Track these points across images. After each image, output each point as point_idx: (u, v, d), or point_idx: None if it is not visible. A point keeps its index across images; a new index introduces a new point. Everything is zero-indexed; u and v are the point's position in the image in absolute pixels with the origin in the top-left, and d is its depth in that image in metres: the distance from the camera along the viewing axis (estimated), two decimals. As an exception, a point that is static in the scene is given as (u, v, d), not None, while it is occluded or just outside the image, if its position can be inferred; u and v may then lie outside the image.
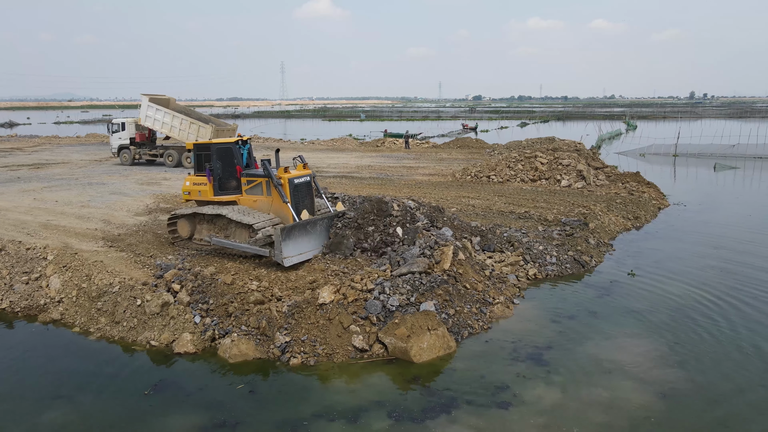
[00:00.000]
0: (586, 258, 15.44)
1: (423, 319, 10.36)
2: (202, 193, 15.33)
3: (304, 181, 14.74)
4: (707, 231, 19.03)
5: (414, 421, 8.14)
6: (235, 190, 15.05)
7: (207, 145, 15.41)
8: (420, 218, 14.68)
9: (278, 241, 12.77)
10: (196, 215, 15.32)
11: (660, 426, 8.02)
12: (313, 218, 14.03)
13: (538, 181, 26.36)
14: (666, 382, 9.23)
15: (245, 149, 15.27)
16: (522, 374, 9.44)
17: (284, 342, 10.11)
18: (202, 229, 15.22)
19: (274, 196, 14.44)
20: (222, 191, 15.11)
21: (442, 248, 12.76)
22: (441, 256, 12.48)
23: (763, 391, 8.95)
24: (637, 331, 11.14)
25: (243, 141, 15.22)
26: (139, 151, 33.83)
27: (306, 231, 13.70)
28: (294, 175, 14.45)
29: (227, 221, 14.58)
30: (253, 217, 14.14)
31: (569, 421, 8.11)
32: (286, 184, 14.11)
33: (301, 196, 14.53)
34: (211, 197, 15.13)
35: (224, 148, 14.97)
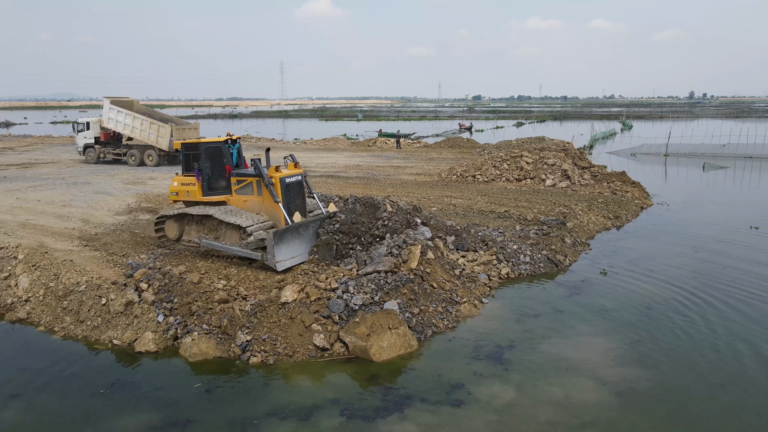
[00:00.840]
0: (561, 257, 15.45)
1: (384, 317, 10.38)
2: (191, 193, 14.99)
3: (296, 181, 14.51)
4: (686, 230, 19.05)
5: (365, 420, 8.15)
6: (225, 190, 14.77)
7: (195, 145, 15.06)
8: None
9: (271, 245, 12.47)
10: (185, 216, 15.02)
11: (611, 425, 8.04)
12: (306, 221, 13.74)
13: (523, 180, 26.38)
14: (624, 380, 9.24)
15: (235, 148, 15.01)
16: (479, 373, 9.46)
17: (245, 341, 10.13)
18: (191, 230, 14.96)
19: (264, 196, 14.17)
20: (211, 191, 14.81)
21: (410, 247, 12.78)
22: (408, 255, 12.50)
23: (722, 389, 8.96)
24: (601, 330, 11.16)
25: (232, 140, 14.97)
26: (104, 150, 34.45)
27: (298, 234, 13.40)
28: (285, 174, 14.20)
29: (217, 222, 14.31)
30: (244, 217, 13.85)
31: (520, 420, 8.14)
32: (277, 183, 13.86)
33: (292, 196, 14.32)
34: (200, 197, 14.82)
35: (213, 148, 14.66)
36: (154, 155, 32.73)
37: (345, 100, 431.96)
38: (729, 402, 8.61)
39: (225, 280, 12.53)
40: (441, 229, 15.74)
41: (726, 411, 8.38)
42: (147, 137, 32.30)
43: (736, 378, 9.29)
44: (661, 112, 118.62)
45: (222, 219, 13.89)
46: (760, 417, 8.20)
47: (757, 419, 8.15)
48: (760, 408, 8.42)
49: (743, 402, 8.59)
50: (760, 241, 17.39)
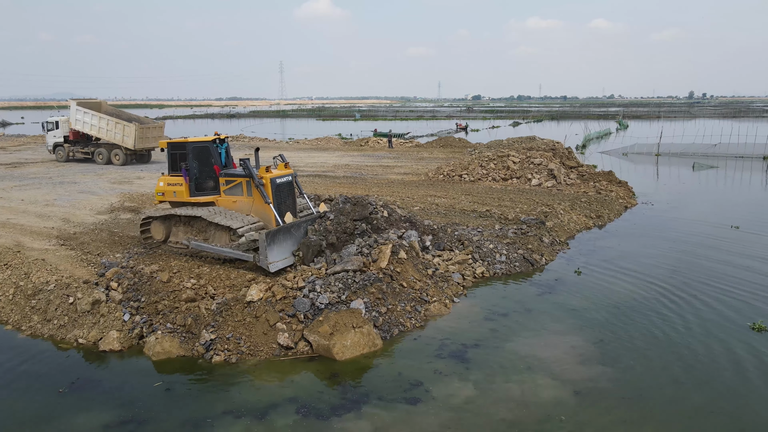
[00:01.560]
0: (537, 256, 15.46)
1: (348, 317, 10.38)
2: (178, 193, 14.72)
3: (286, 181, 14.32)
4: (667, 229, 19.06)
5: (319, 418, 8.17)
6: (213, 190, 14.57)
7: (182, 144, 14.75)
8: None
9: (263, 246, 12.31)
10: (172, 217, 14.74)
11: (565, 423, 8.04)
12: (297, 221, 13.60)
13: (510, 180, 26.38)
14: (585, 379, 9.25)
15: (223, 148, 14.85)
16: (440, 371, 9.47)
17: (209, 340, 10.14)
18: (178, 231, 14.69)
19: (255, 197, 13.98)
20: (199, 192, 14.59)
21: (380, 247, 12.77)
22: (378, 255, 12.50)
23: (688, 389, 8.95)
24: (568, 329, 11.16)
25: (220, 139, 14.79)
26: (73, 149, 35.08)
27: (290, 234, 13.26)
28: (276, 175, 14.01)
29: (206, 223, 14.08)
30: (234, 219, 13.66)
31: (474, 417, 8.15)
32: (268, 183, 13.67)
33: (283, 197, 14.13)
34: (187, 198, 14.56)
35: (201, 147, 14.46)
36: (120, 154, 33.51)
37: (345, 100, 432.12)
38: (695, 402, 8.59)
39: (196, 279, 12.56)
40: (418, 229, 15.75)
41: (690, 410, 8.35)
42: (113, 137, 33.13)
43: (705, 377, 9.28)
44: (659, 112, 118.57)
45: (211, 220, 13.60)
46: (725, 417, 8.19)
47: (723, 419, 8.13)
48: (727, 408, 8.39)
49: (710, 402, 8.57)
50: (739, 241, 17.39)
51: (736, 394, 8.77)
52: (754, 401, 8.57)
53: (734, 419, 8.12)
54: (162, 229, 14.99)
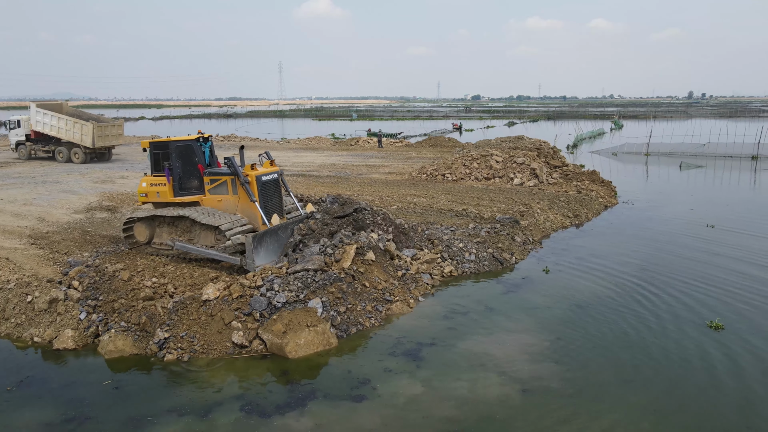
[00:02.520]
0: (507, 255, 15.45)
1: (302, 315, 10.39)
2: (161, 194, 14.53)
3: (272, 179, 14.22)
4: (642, 228, 19.06)
5: (262, 416, 8.17)
6: (198, 190, 14.43)
7: (165, 143, 14.56)
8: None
9: (250, 249, 12.23)
10: (155, 218, 14.51)
11: (507, 420, 8.04)
12: (284, 223, 13.48)
13: (492, 179, 26.37)
14: (534, 377, 9.24)
15: (207, 147, 14.73)
16: (390, 369, 9.47)
17: (163, 338, 10.14)
18: (162, 232, 14.50)
19: (240, 196, 13.84)
20: (183, 192, 14.43)
21: (345, 247, 12.74)
22: (342, 255, 12.48)
23: (630, 387, 8.94)
24: (526, 327, 11.16)
25: (204, 138, 14.66)
26: (35, 148, 35.78)
27: (277, 236, 13.16)
28: (261, 173, 13.88)
29: (191, 223, 13.90)
30: (220, 218, 13.48)
31: (417, 414, 8.15)
32: (253, 182, 13.55)
33: (269, 195, 14.03)
34: (171, 198, 14.39)
35: (184, 146, 14.32)
36: (80, 153, 34.26)
37: (344, 99, 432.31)
38: (640, 400, 8.56)
39: (159, 277, 12.57)
40: (397, 229, 15.73)
41: (634, 409, 8.33)
42: (72, 136, 33.90)
43: (654, 376, 9.27)
44: (655, 112, 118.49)
45: (197, 220, 13.43)
46: (668, 415, 8.18)
47: (666, 417, 8.11)
48: (671, 406, 8.37)
49: (654, 400, 8.56)
50: (711, 239, 17.39)
51: (683, 392, 8.77)
52: (699, 400, 8.57)
53: (677, 417, 8.11)
54: (145, 230, 14.72)
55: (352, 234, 13.61)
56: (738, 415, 8.16)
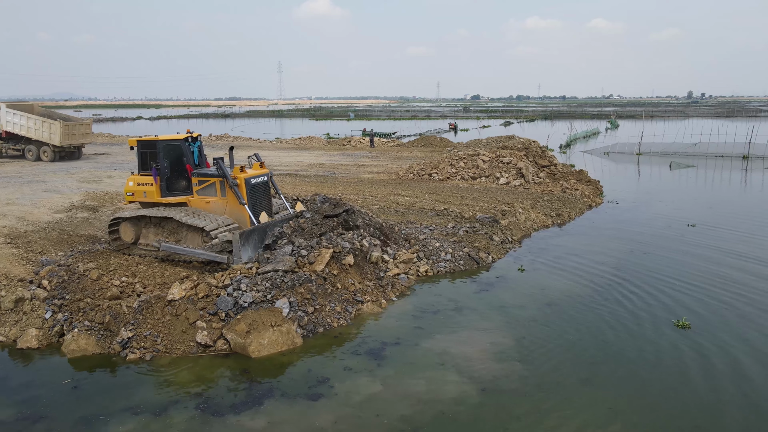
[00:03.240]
0: (483, 254, 15.44)
1: (267, 315, 10.38)
2: (148, 194, 14.21)
3: (261, 181, 14.00)
4: (624, 228, 19.05)
5: (216, 415, 8.16)
6: (185, 190, 14.17)
7: (153, 142, 14.19)
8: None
9: (237, 246, 12.03)
10: (142, 218, 14.25)
11: (460, 418, 8.03)
12: (273, 221, 13.28)
13: (478, 178, 26.36)
14: (495, 377, 9.22)
15: (195, 147, 14.44)
16: (350, 368, 9.46)
17: (126, 337, 10.13)
18: (149, 233, 14.27)
19: (229, 198, 13.62)
20: (170, 192, 14.15)
21: (321, 250, 12.66)
22: (316, 258, 12.41)
23: (588, 385, 8.92)
24: (494, 326, 11.14)
25: (193, 138, 14.37)
26: (5, 146, 36.35)
27: (266, 235, 12.98)
28: (250, 175, 13.66)
29: (177, 224, 13.67)
30: (207, 220, 13.25)
31: (371, 413, 8.13)
32: (242, 184, 13.33)
33: (258, 197, 13.80)
34: (158, 199, 14.10)
35: (172, 146, 14.04)
36: (49, 151, 34.93)
37: (343, 100, 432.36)
38: (597, 397, 8.56)
39: (130, 277, 12.56)
40: (368, 227, 15.72)
41: (592, 406, 8.32)
42: (41, 135, 34.60)
43: (614, 374, 9.27)
44: (653, 112, 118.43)
45: (184, 222, 13.20)
46: (624, 413, 8.16)
47: (622, 415, 8.10)
48: (629, 404, 8.36)
49: (611, 398, 8.55)
50: (691, 239, 17.38)
51: (642, 391, 8.75)
52: (658, 399, 8.55)
53: (626, 416, 8.09)
54: (131, 230, 14.47)
55: (339, 235, 13.53)
56: (690, 414, 8.14)
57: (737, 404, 8.37)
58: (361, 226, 14.87)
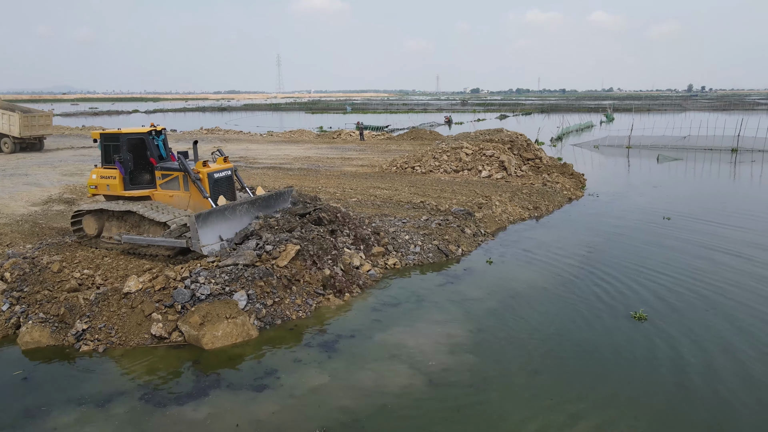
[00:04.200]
0: (453, 247, 15.44)
1: (222, 307, 10.39)
2: (111, 187, 14.22)
3: (225, 176, 14.05)
4: (599, 220, 19.04)
5: (158, 405, 8.19)
6: (149, 184, 14.20)
7: (116, 135, 14.19)
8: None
9: (194, 228, 12.01)
10: (105, 211, 14.21)
11: (402, 410, 8.04)
12: (232, 203, 13.24)
13: (461, 171, 26.32)
14: (445, 369, 9.22)
15: (160, 140, 14.45)
16: (300, 360, 9.49)
17: (81, 330, 10.15)
18: (111, 226, 14.26)
19: (192, 192, 13.66)
20: (134, 185, 14.18)
21: (287, 246, 12.62)
22: (280, 254, 12.39)
23: (537, 377, 8.93)
24: (452, 318, 11.15)
25: (157, 131, 14.36)
26: None
27: (225, 217, 12.92)
28: (213, 169, 13.68)
29: (139, 218, 13.67)
30: (169, 213, 13.26)
31: (314, 404, 8.16)
32: (204, 178, 13.35)
33: (221, 191, 13.84)
34: (121, 192, 14.13)
35: (136, 139, 14.05)
36: (9, 142, 35.85)
37: (343, 93, 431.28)
38: (542, 390, 8.56)
39: (94, 269, 12.56)
40: (337, 219, 15.72)
41: (537, 398, 8.33)
42: (1, 127, 35.56)
43: (563, 365, 9.28)
44: (650, 105, 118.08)
45: (144, 215, 13.22)
46: (566, 404, 8.17)
47: (563, 406, 8.10)
48: (574, 396, 8.37)
49: (552, 389, 8.57)
50: (664, 232, 17.38)
51: (590, 382, 8.77)
52: (606, 390, 8.56)
53: (570, 405, 8.10)
54: (94, 223, 14.48)
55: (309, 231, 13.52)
56: (627, 403, 8.16)
57: (691, 394, 8.39)
58: (336, 223, 14.85)
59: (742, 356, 9.55)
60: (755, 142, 38.46)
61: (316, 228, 13.89)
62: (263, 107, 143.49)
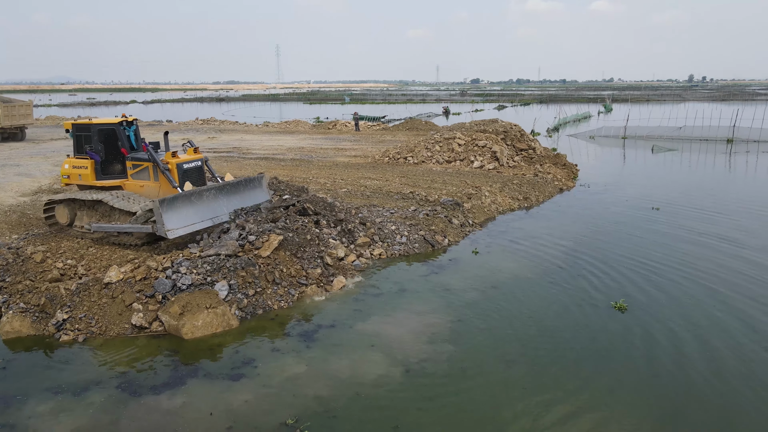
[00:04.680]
0: (440, 237, 15.46)
1: (202, 297, 10.42)
2: (83, 176, 14.50)
3: (195, 166, 14.23)
4: (587, 211, 19.04)
5: (134, 394, 8.24)
6: (121, 174, 14.44)
7: (87, 126, 14.48)
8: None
9: (158, 213, 12.21)
10: (76, 201, 14.45)
11: (373, 401, 8.08)
12: (198, 189, 13.41)
13: (453, 162, 26.28)
14: (420, 359, 9.24)
15: (131, 131, 14.63)
16: (278, 349, 9.53)
17: (62, 319, 10.20)
18: (83, 216, 14.46)
19: (162, 182, 13.85)
20: (105, 175, 14.41)
21: (270, 236, 12.65)
22: (263, 244, 12.41)
23: (513, 366, 8.97)
24: (433, 308, 11.18)
25: (128, 122, 14.56)
26: None
27: (191, 202, 13.07)
28: (183, 160, 13.89)
29: (109, 208, 13.84)
30: (136, 203, 13.43)
31: (289, 393, 8.20)
32: (173, 169, 13.57)
33: (191, 181, 14.02)
34: (93, 181, 14.35)
35: (107, 130, 14.26)
36: None
37: (342, 83, 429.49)
38: (516, 379, 8.60)
39: (78, 260, 12.59)
40: (323, 210, 15.73)
41: (511, 387, 8.38)
42: None
43: (539, 356, 9.31)
44: (649, 96, 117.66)
45: (113, 205, 13.43)
46: (540, 395, 8.22)
47: (537, 397, 8.15)
48: (549, 385, 8.42)
49: (526, 377, 8.61)
50: (652, 223, 17.39)
51: (562, 372, 8.81)
52: (576, 381, 8.61)
53: (543, 394, 8.15)
54: (66, 213, 14.73)
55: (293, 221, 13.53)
56: (597, 392, 8.21)
57: (665, 382, 8.44)
58: (319, 212, 14.88)
59: (716, 346, 9.59)
60: (751, 132, 38.38)
61: (300, 218, 13.92)
62: (261, 98, 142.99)
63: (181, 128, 49.27)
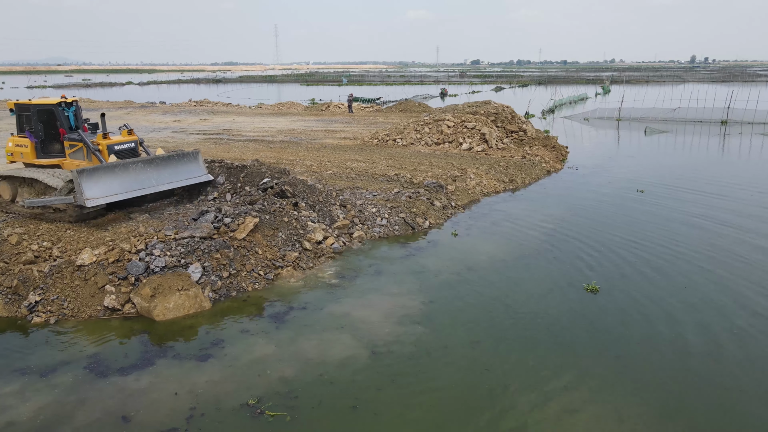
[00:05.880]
0: (420, 220, 15.47)
1: (174, 279, 10.46)
2: (24, 155, 15.23)
3: (128, 147, 14.83)
4: (573, 193, 19.04)
5: (101, 375, 8.32)
6: (59, 153, 15.03)
7: (27, 106, 15.10)
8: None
9: (77, 182, 12.66)
10: (16, 178, 15.06)
11: (336, 382, 8.17)
12: (123, 161, 13.85)
13: (442, 144, 26.19)
14: (388, 341, 9.31)
15: (71, 111, 15.13)
16: (248, 330, 9.61)
17: (34, 301, 10.25)
18: (24, 192, 15.10)
19: (94, 161, 14.40)
20: (45, 154, 15.03)
21: (245, 218, 12.66)
22: (239, 227, 12.43)
23: (478, 347, 9.05)
24: (407, 290, 11.24)
25: (67, 103, 15.06)
26: None
27: (114, 174, 13.51)
28: (114, 142, 14.46)
29: (45, 186, 14.43)
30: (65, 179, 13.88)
31: (254, 373, 8.28)
32: (104, 150, 14.16)
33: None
34: (33, 160, 15.02)
35: (45, 110, 14.87)
36: None
37: (341, 65, 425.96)
38: (480, 359, 8.67)
39: (55, 242, 12.61)
40: (302, 193, 15.72)
41: (473, 368, 8.45)
42: None
43: (507, 335, 9.39)
44: (649, 77, 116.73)
45: (44, 182, 14.01)
46: (503, 375, 8.30)
47: (499, 377, 8.24)
48: (517, 367, 8.49)
49: (502, 362, 8.68)
50: (634, 205, 17.39)
51: (523, 351, 8.88)
52: (535, 359, 8.68)
53: (510, 372, 8.23)
54: (9, 189, 15.32)
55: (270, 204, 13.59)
56: (555, 370, 8.29)
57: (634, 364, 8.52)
58: (297, 194, 14.89)
59: (684, 327, 9.66)
60: (745, 114, 38.17)
61: (278, 201, 13.93)
62: (259, 79, 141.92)
63: (174, 110, 49.00)
